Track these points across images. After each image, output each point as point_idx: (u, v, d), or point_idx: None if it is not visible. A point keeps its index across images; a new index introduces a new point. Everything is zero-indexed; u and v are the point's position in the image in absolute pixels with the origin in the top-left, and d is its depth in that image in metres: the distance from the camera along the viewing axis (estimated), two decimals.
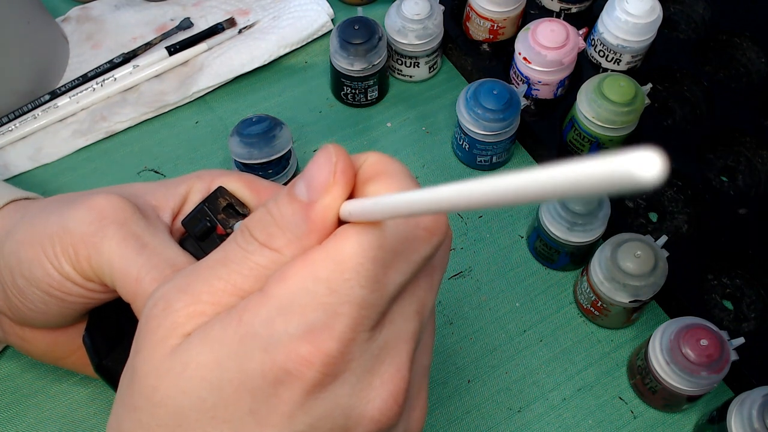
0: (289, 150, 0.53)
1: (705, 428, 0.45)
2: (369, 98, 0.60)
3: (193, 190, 0.38)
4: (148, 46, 0.62)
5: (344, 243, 0.25)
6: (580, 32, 0.56)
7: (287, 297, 0.25)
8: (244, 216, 0.37)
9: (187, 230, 0.36)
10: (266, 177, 0.54)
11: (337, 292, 0.25)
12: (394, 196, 0.23)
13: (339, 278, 0.25)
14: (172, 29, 0.64)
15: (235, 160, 0.52)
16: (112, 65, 0.61)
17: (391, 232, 0.26)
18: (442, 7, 0.60)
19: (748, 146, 0.58)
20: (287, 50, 0.63)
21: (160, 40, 0.62)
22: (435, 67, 0.63)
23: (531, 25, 0.56)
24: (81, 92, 0.60)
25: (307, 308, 0.25)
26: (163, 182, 0.39)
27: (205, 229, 0.35)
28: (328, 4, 0.65)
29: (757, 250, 0.51)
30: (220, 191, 0.37)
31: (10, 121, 0.58)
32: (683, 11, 0.66)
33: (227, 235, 0.35)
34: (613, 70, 0.59)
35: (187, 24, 0.64)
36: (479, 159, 0.56)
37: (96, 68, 0.61)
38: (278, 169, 0.53)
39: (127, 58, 0.62)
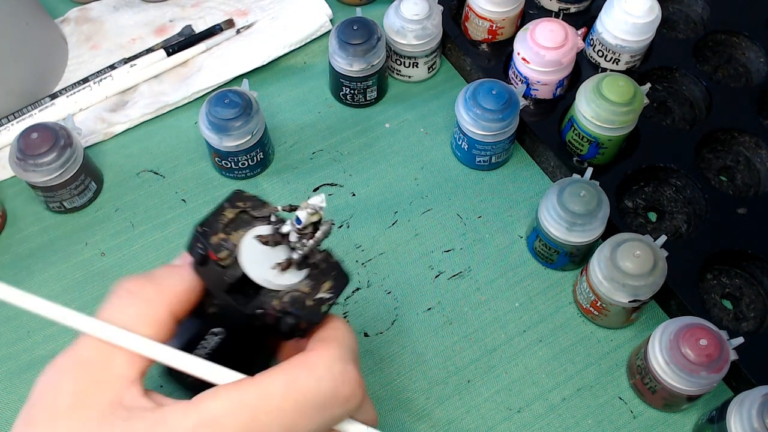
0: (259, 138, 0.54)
1: (705, 428, 0.45)
2: (368, 98, 0.60)
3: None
4: (149, 52, 0.62)
5: (275, 380, 0.30)
6: (579, 32, 0.56)
7: (212, 413, 0.28)
8: (256, 220, 0.35)
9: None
10: (235, 161, 0.55)
11: (257, 421, 0.28)
12: None
13: (263, 410, 0.29)
14: (173, 36, 0.64)
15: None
16: (113, 69, 0.61)
17: (320, 386, 0.30)
18: (441, 8, 0.60)
19: (746, 146, 0.58)
20: (286, 51, 0.63)
21: (161, 47, 0.62)
22: (434, 67, 0.63)
23: (530, 25, 0.56)
24: (78, 91, 0.60)
25: (227, 428, 0.28)
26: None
27: (200, 258, 0.34)
28: (326, 5, 0.65)
29: (757, 249, 0.51)
30: (234, 197, 0.35)
31: (8, 122, 0.58)
32: (682, 11, 0.66)
33: (221, 260, 0.33)
34: (612, 70, 0.59)
35: (188, 31, 0.63)
36: (478, 159, 0.56)
37: (95, 73, 0.61)
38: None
39: (127, 62, 0.61)
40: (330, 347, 0.32)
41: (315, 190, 0.57)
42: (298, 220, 0.34)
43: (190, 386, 0.33)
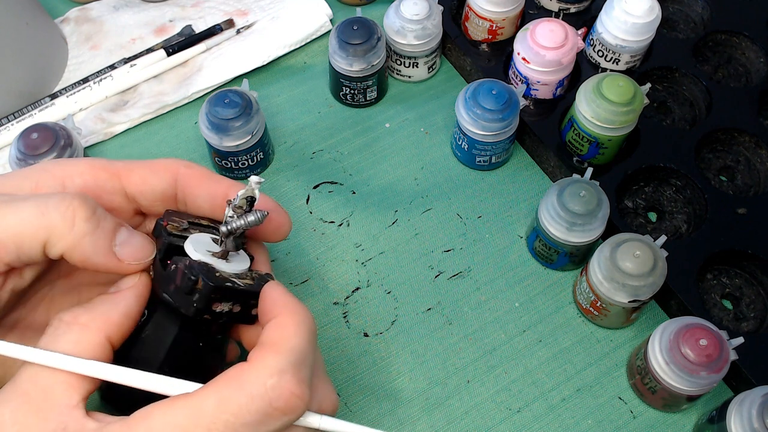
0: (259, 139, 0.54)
1: (705, 428, 0.45)
2: (368, 98, 0.61)
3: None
4: (149, 52, 0.62)
5: (206, 399, 0.30)
6: (579, 32, 0.56)
7: None
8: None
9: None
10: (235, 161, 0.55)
11: None
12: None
13: (192, 429, 0.29)
14: (173, 36, 0.64)
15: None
16: (113, 69, 0.61)
17: (252, 405, 0.30)
18: (441, 8, 0.60)
19: (746, 146, 0.58)
20: (286, 51, 0.63)
21: (161, 47, 0.62)
22: (434, 67, 0.63)
23: (530, 25, 0.56)
24: (78, 91, 0.60)
25: None
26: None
27: (157, 227, 0.37)
28: (326, 5, 0.65)
29: (757, 249, 0.51)
30: (166, 219, 0.37)
31: (8, 122, 0.58)
32: (682, 11, 0.66)
33: (170, 227, 0.37)
34: (612, 70, 0.59)
35: (188, 31, 0.63)
36: (478, 159, 0.56)
37: (95, 73, 0.61)
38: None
39: (127, 62, 0.62)
40: (266, 358, 0.32)
41: (315, 188, 0.57)
42: (236, 198, 0.37)
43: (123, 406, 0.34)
